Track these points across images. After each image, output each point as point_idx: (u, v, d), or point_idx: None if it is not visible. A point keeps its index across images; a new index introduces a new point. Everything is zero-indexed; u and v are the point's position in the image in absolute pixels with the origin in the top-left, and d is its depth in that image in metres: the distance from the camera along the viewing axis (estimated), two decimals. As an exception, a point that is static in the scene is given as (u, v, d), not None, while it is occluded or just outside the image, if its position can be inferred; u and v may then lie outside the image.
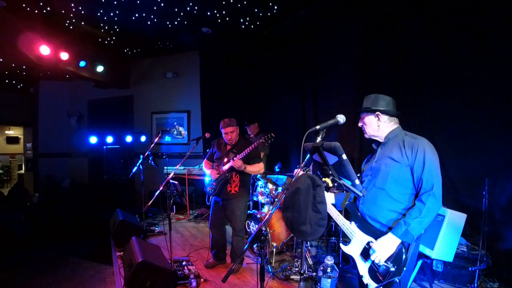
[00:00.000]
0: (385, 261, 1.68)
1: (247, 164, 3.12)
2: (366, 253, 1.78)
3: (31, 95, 7.80)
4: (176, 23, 5.02)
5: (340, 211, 1.98)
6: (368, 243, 1.78)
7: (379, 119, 1.84)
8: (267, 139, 2.96)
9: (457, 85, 3.15)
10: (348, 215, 1.96)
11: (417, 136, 1.79)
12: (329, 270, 2.65)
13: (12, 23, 4.56)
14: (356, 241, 1.84)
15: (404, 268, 1.65)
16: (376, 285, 1.70)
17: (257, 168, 3.22)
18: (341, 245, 1.94)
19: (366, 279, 1.75)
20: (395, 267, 1.64)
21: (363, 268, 1.79)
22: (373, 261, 1.72)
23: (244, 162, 3.08)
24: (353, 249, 1.86)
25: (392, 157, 1.76)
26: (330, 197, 2.05)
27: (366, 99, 1.90)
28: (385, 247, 1.66)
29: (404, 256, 1.64)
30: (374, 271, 1.72)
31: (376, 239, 1.74)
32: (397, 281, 1.65)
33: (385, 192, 1.76)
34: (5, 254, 4.02)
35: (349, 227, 1.88)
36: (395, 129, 1.86)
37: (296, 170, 2.19)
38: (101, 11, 4.60)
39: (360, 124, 1.95)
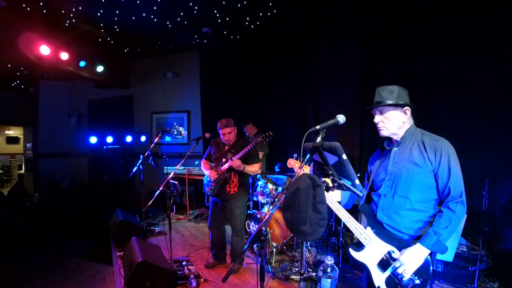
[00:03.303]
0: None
1: (245, 164, 3.12)
2: (384, 263, 1.64)
3: (31, 95, 7.80)
4: (176, 23, 5.02)
5: (348, 210, 1.84)
6: (389, 253, 1.64)
7: (406, 114, 1.67)
8: (264, 137, 2.96)
9: (457, 85, 3.15)
10: (356, 215, 1.86)
11: (436, 136, 1.64)
12: (329, 270, 2.65)
13: (12, 23, 4.56)
14: (372, 248, 1.69)
15: (429, 281, 1.56)
16: None
17: (256, 168, 3.22)
18: (351, 251, 1.76)
19: None
20: (421, 280, 1.54)
21: (380, 278, 1.65)
22: (393, 273, 1.60)
23: (242, 161, 3.08)
24: (368, 257, 1.70)
25: (414, 161, 1.61)
26: (336, 194, 1.87)
27: (385, 91, 1.70)
28: (414, 260, 1.53)
29: (431, 268, 1.55)
30: (393, 282, 1.60)
31: (399, 249, 1.61)
32: None
33: (409, 201, 1.63)
34: (5, 254, 4.02)
35: (364, 232, 1.72)
36: (410, 127, 1.70)
37: (290, 160, 2.12)
38: (101, 11, 4.60)
39: (379, 119, 1.72)
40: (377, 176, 1.80)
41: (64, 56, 5.28)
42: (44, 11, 4.49)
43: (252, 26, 5.07)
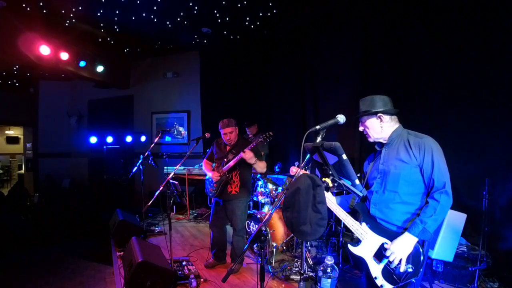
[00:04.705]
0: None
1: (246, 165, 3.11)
2: (379, 255, 1.74)
3: (31, 95, 7.80)
4: (176, 23, 5.02)
5: (349, 212, 1.93)
6: (382, 245, 1.74)
7: (381, 121, 1.81)
8: (265, 137, 2.95)
9: (457, 85, 3.15)
10: (356, 215, 1.91)
11: (421, 134, 1.77)
12: (329, 270, 2.66)
13: (12, 23, 4.56)
14: (368, 242, 1.79)
15: (421, 269, 1.63)
16: (391, 286, 1.68)
17: (263, 164, 3.20)
18: (349, 246, 1.86)
19: (380, 281, 1.71)
20: (413, 267, 1.63)
21: (376, 269, 1.74)
22: (388, 263, 1.69)
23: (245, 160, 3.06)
24: (364, 251, 1.80)
25: (400, 158, 1.73)
26: (332, 198, 1.97)
27: (362, 102, 1.87)
28: (403, 247, 1.64)
29: (422, 257, 1.64)
30: (389, 272, 1.69)
31: (391, 240, 1.71)
32: (413, 281, 1.65)
33: (398, 194, 1.74)
34: (5, 254, 4.02)
35: (360, 228, 1.82)
36: (397, 129, 1.83)
37: (292, 167, 2.16)
38: (101, 11, 4.60)
39: (361, 129, 1.91)
40: (370, 176, 1.93)
41: (64, 56, 5.28)
42: (44, 11, 4.49)
43: (252, 26, 5.07)
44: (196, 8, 4.52)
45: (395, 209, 1.75)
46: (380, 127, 1.82)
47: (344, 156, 1.65)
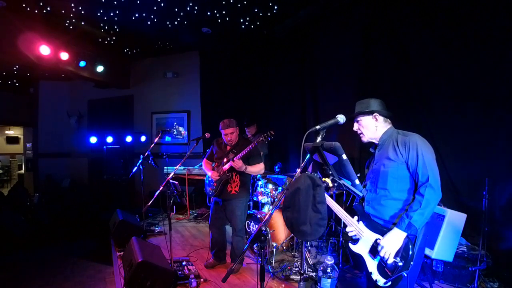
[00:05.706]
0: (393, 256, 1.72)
1: (247, 165, 3.12)
2: (374, 251, 1.82)
3: (31, 95, 7.81)
4: (176, 23, 5.02)
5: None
6: (375, 241, 1.82)
7: (376, 120, 1.91)
8: (266, 137, 2.95)
9: (457, 85, 3.15)
10: (354, 215, 1.97)
11: (409, 132, 1.85)
12: (329, 270, 2.66)
13: (12, 23, 4.56)
14: (364, 239, 1.88)
15: (412, 263, 1.67)
16: (385, 280, 1.73)
17: (258, 168, 3.21)
18: (350, 244, 1.96)
19: (375, 276, 1.78)
20: (403, 261, 1.68)
21: (372, 265, 1.82)
22: (381, 258, 1.75)
23: (244, 161, 3.07)
24: (361, 248, 1.90)
25: (389, 157, 1.82)
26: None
27: (359, 104, 1.97)
28: (392, 242, 1.70)
29: (411, 251, 1.68)
30: (382, 267, 1.76)
31: (383, 236, 1.78)
32: (405, 275, 1.69)
33: (388, 191, 1.81)
34: (5, 254, 4.03)
35: (357, 226, 1.91)
36: (388, 130, 1.92)
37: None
38: (101, 11, 4.60)
39: (356, 128, 2.01)
40: (367, 177, 2.03)
41: (64, 56, 5.28)
42: (44, 11, 4.49)
43: (252, 26, 5.07)
44: (196, 8, 4.52)
45: (387, 206, 1.83)
46: (375, 127, 1.92)
47: (344, 156, 1.68)
